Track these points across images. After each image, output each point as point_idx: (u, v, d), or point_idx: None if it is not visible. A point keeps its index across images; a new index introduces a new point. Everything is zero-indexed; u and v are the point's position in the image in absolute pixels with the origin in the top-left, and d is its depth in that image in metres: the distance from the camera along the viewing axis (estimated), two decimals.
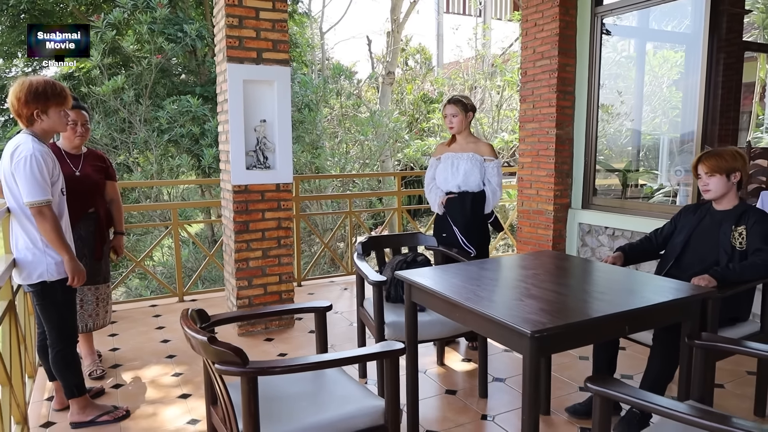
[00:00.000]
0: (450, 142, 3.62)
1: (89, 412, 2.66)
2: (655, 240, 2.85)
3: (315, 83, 9.17)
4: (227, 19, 3.64)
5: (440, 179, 3.58)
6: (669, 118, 6.01)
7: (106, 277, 3.22)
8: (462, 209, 3.47)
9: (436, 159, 3.66)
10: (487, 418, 2.72)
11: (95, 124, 7.32)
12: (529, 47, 4.93)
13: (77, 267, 2.43)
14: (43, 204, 2.29)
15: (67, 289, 2.48)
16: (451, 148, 3.59)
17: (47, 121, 2.37)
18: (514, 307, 1.91)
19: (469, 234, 3.47)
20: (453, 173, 3.51)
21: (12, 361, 2.50)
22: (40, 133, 2.39)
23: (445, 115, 3.56)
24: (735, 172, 2.53)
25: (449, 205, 3.50)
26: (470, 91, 11.51)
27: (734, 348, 1.88)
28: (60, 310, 2.49)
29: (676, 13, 5.16)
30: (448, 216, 3.50)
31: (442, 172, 3.57)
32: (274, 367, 1.70)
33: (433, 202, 3.61)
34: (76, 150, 3.08)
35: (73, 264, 2.41)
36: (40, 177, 2.28)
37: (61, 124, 2.45)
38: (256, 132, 3.86)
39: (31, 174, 2.26)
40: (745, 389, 2.96)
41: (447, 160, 3.56)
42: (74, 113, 2.91)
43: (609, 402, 1.54)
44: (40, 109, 2.33)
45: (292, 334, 3.97)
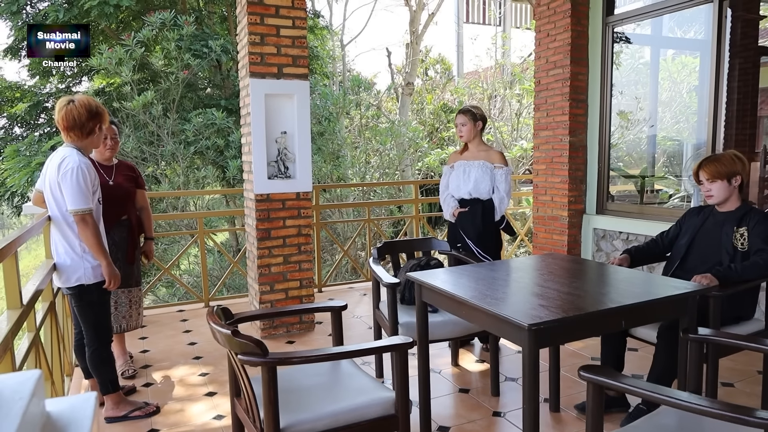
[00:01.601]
0: (462, 151, 3.76)
1: (123, 408, 2.84)
2: (661, 242, 2.94)
3: (335, 95, 9.38)
4: (250, 36, 3.84)
5: (453, 186, 3.72)
6: (690, 123, 6.05)
7: (138, 280, 3.41)
8: (473, 221, 3.59)
9: (449, 167, 3.80)
10: (498, 415, 2.83)
11: (126, 138, 7.63)
12: (543, 57, 5.05)
13: (113, 271, 2.61)
14: (86, 212, 2.48)
15: (102, 292, 2.66)
16: (463, 156, 3.73)
17: (96, 136, 2.63)
18: (516, 303, 2.04)
19: (483, 244, 3.60)
20: (464, 180, 3.65)
21: (53, 359, 2.70)
22: (84, 146, 2.62)
23: (456, 125, 3.74)
24: (735, 176, 2.61)
25: (460, 219, 3.63)
26: (489, 100, 11.62)
27: (727, 341, 1.98)
28: (96, 312, 2.68)
29: (692, 20, 5.22)
30: (460, 229, 3.63)
31: (454, 180, 3.72)
32: (292, 357, 1.85)
33: (446, 211, 3.75)
34: (108, 161, 3.26)
35: (110, 269, 2.59)
36: (84, 187, 2.48)
37: (101, 140, 2.72)
38: (277, 143, 4.04)
39: (77, 184, 2.46)
40: (755, 388, 3.01)
41: (459, 167, 3.71)
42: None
43: (601, 390, 1.65)
44: (98, 124, 2.60)
45: (312, 336, 4.13)
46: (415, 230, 6.02)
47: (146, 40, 7.63)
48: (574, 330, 1.96)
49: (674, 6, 4.36)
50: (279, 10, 3.89)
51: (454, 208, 3.67)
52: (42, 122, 9.55)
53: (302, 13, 3.98)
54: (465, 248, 3.59)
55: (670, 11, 4.49)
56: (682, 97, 6.26)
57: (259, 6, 3.83)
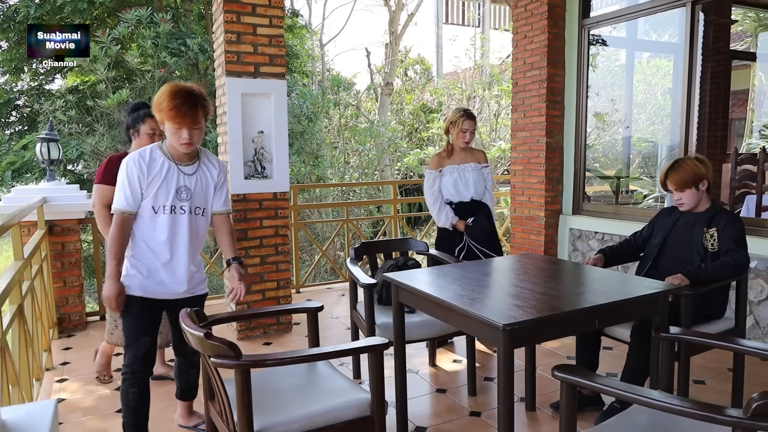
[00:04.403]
0: (449, 154, 3.67)
1: (193, 418, 2.73)
2: (634, 242, 2.98)
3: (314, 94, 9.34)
4: (226, 35, 3.80)
5: (449, 193, 3.62)
6: (664, 125, 6.15)
7: None
8: (482, 228, 3.60)
9: (437, 172, 3.65)
10: (475, 415, 2.84)
11: (100, 137, 7.50)
12: (520, 58, 5.08)
13: (111, 290, 2.22)
14: (117, 211, 2.24)
15: (144, 311, 2.33)
16: (451, 160, 3.65)
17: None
18: (491, 303, 2.04)
19: (494, 244, 3.63)
20: (464, 185, 3.60)
21: (20, 363, 2.63)
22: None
23: (463, 130, 3.57)
24: (702, 181, 2.66)
25: (471, 231, 3.57)
26: (468, 101, 11.68)
27: (698, 340, 2.01)
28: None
29: (667, 24, 5.31)
30: (470, 238, 3.57)
31: (449, 185, 3.62)
32: (265, 360, 1.83)
33: (441, 219, 3.62)
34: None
35: (109, 283, 2.23)
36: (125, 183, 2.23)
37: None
38: (254, 143, 4.00)
39: (119, 179, 2.26)
40: (725, 385, 3.06)
41: (452, 172, 3.62)
42: (152, 122, 2.88)
43: (574, 389, 1.66)
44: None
45: (289, 338, 4.10)
46: (394, 230, 6.01)
47: (122, 37, 7.51)
48: (548, 330, 1.97)
49: (648, 9, 4.42)
50: (256, 9, 3.86)
51: (454, 219, 3.57)
52: (13, 120, 9.34)
53: (279, 11, 3.95)
54: (472, 254, 3.55)
55: (644, 14, 4.55)
56: (657, 100, 6.37)
57: (235, 4, 3.79)
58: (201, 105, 2.18)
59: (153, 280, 2.31)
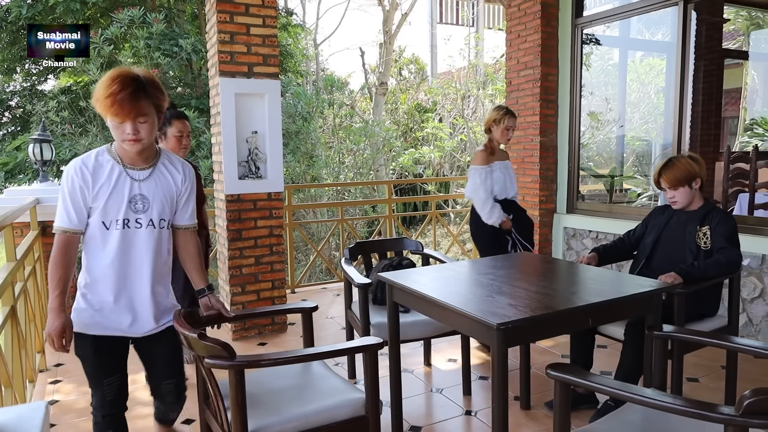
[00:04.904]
0: (492, 151, 3.65)
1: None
2: (627, 241, 2.99)
3: (309, 94, 9.33)
4: (219, 35, 3.79)
5: (498, 189, 3.60)
6: (658, 124, 6.18)
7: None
8: (529, 224, 3.70)
9: (488, 168, 3.59)
10: (469, 414, 2.84)
11: (93, 137, 7.47)
12: (514, 57, 5.09)
13: (52, 325, 1.79)
14: (58, 231, 1.87)
15: (97, 351, 1.94)
16: (496, 157, 3.65)
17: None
18: (485, 302, 2.05)
19: (531, 236, 3.71)
20: (510, 182, 3.64)
21: (13, 364, 2.62)
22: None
23: (508, 127, 3.58)
24: (695, 179, 2.67)
25: (519, 227, 3.62)
26: (463, 100, 11.69)
27: (691, 338, 2.02)
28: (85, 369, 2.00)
29: (660, 23, 5.33)
30: (516, 233, 3.60)
31: (499, 182, 3.60)
32: (259, 360, 1.83)
33: (492, 218, 3.54)
34: None
35: (51, 316, 1.80)
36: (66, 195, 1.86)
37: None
38: (248, 143, 4.00)
39: (60, 194, 1.88)
40: (719, 383, 3.07)
41: (501, 170, 3.63)
42: (180, 123, 2.77)
43: (568, 387, 1.66)
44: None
45: (284, 338, 4.09)
46: (389, 230, 6.02)
47: (114, 37, 7.47)
48: (542, 329, 1.98)
49: (641, 8, 4.44)
50: (249, 9, 3.85)
51: (503, 215, 3.55)
52: (6, 121, 9.29)
53: (273, 11, 3.94)
54: (514, 247, 3.60)
55: (637, 13, 4.57)
56: (650, 98, 6.39)
57: (228, 4, 3.78)
58: (146, 92, 1.77)
59: (106, 315, 1.91)
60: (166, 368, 2.09)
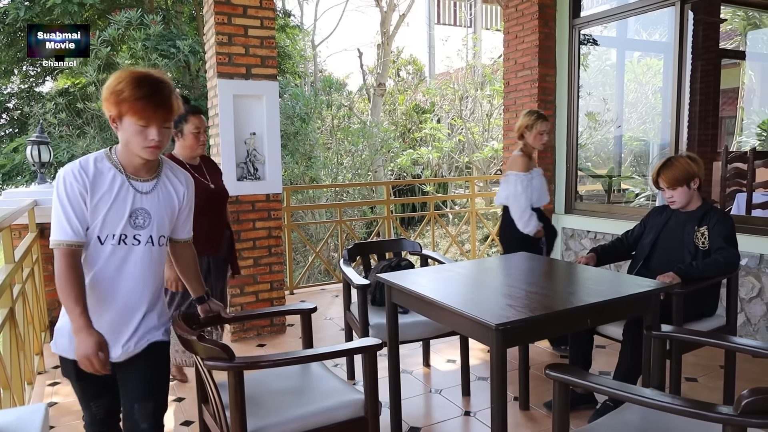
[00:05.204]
0: (530, 156, 3.53)
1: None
2: (626, 241, 3.00)
3: (307, 95, 9.33)
4: (217, 36, 3.79)
5: (536, 197, 3.50)
6: (655, 124, 6.19)
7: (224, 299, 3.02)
8: (552, 230, 3.70)
9: (530, 174, 3.47)
10: (468, 415, 2.84)
11: (91, 139, 7.46)
12: (511, 58, 5.10)
13: (80, 344, 1.60)
14: (58, 245, 1.64)
15: (80, 374, 1.69)
16: (533, 163, 3.55)
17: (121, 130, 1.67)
18: (484, 303, 2.05)
19: (553, 245, 3.72)
20: (544, 189, 3.54)
21: (12, 367, 2.61)
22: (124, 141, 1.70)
23: (541, 132, 3.46)
24: (693, 179, 2.68)
25: (550, 236, 3.61)
26: (461, 101, 11.70)
27: (689, 337, 2.02)
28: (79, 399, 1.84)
29: (657, 23, 5.34)
30: (545, 239, 3.55)
31: (537, 190, 3.50)
32: (258, 362, 1.83)
33: (529, 225, 3.43)
34: (194, 160, 2.78)
35: (76, 339, 1.61)
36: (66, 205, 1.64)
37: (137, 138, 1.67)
38: (246, 144, 4.00)
39: (53, 203, 1.66)
40: (717, 382, 3.08)
41: (539, 177, 3.54)
42: (197, 119, 2.71)
43: (567, 387, 1.67)
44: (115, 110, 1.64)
45: (283, 339, 4.09)
46: (387, 231, 6.02)
47: (112, 39, 7.47)
48: (540, 329, 1.98)
49: (638, 9, 4.45)
50: (247, 10, 3.85)
51: (539, 224, 3.46)
52: (3, 123, 9.28)
53: (270, 13, 3.95)
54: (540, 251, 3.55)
55: (634, 14, 4.58)
56: (648, 98, 6.41)
57: (226, 6, 3.78)
58: (174, 97, 1.67)
59: None
60: (142, 388, 1.79)
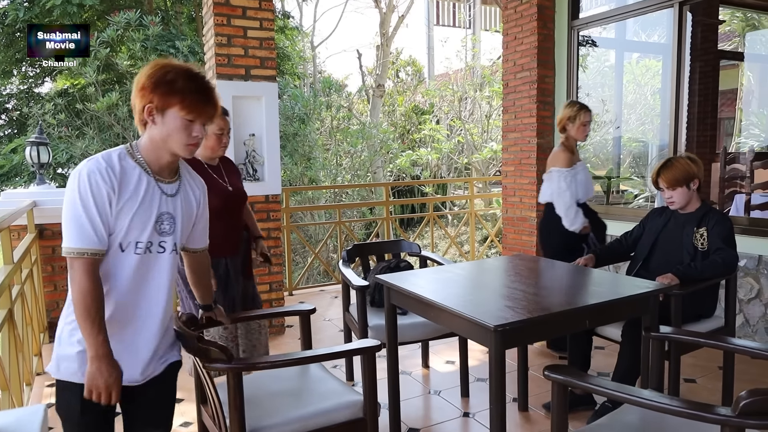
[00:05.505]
0: (572, 150, 3.41)
1: None
2: (625, 242, 3.00)
3: (306, 96, 9.34)
4: (216, 38, 3.79)
5: (582, 192, 3.38)
6: (654, 125, 6.20)
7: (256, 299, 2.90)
8: (602, 224, 3.61)
9: (573, 169, 3.34)
10: (467, 416, 2.84)
11: (90, 140, 7.46)
12: (510, 60, 5.10)
13: (100, 374, 1.42)
14: (78, 254, 1.42)
15: (87, 406, 1.47)
16: (576, 157, 3.42)
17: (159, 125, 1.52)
18: (482, 304, 2.05)
19: (604, 241, 3.62)
20: (591, 183, 3.39)
21: (10, 367, 2.61)
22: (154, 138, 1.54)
23: (584, 123, 3.33)
24: (693, 180, 2.68)
25: (597, 232, 3.50)
26: (460, 102, 11.70)
27: (687, 338, 2.02)
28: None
29: (656, 24, 5.35)
30: (592, 237, 3.44)
31: (582, 185, 3.38)
32: (257, 363, 1.82)
33: (576, 222, 3.30)
34: (213, 161, 2.69)
35: (95, 366, 1.42)
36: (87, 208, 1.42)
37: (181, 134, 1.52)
38: (246, 146, 4.00)
39: (71, 204, 1.43)
40: (716, 383, 3.08)
41: (583, 170, 3.42)
42: (221, 120, 2.63)
43: (565, 389, 1.67)
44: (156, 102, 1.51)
45: (282, 340, 4.09)
46: (387, 232, 6.02)
47: (111, 40, 7.47)
48: (539, 330, 1.99)
49: (637, 10, 4.45)
50: (246, 12, 3.85)
51: (586, 221, 3.34)
52: (2, 124, 9.27)
53: (269, 14, 3.95)
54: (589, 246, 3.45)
55: (633, 15, 4.58)
56: (647, 100, 6.42)
57: (225, 7, 3.78)
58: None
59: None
60: (157, 415, 1.70)
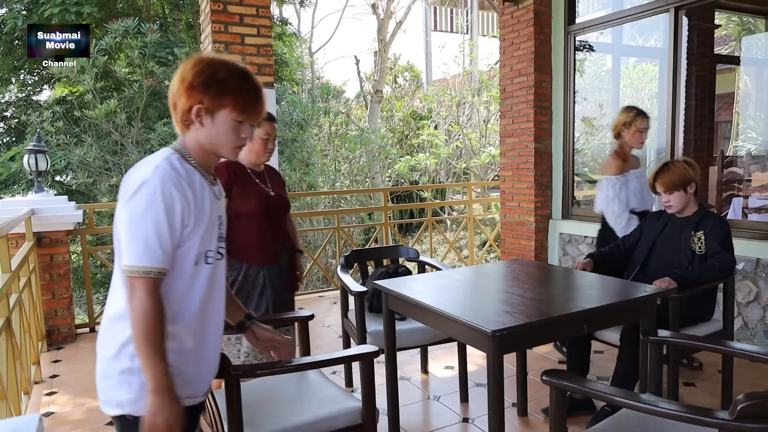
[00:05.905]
0: (625, 158, 3.30)
1: None
2: (623, 246, 3.00)
3: (304, 102, 9.36)
4: (214, 45, 3.80)
5: (635, 200, 3.25)
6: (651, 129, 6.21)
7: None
8: None
9: (623, 177, 3.24)
10: (467, 421, 2.84)
11: (88, 147, 7.46)
12: (507, 65, 5.12)
13: (160, 410, 1.27)
14: (144, 273, 1.29)
15: None
16: (630, 164, 3.31)
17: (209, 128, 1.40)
18: (480, 309, 2.05)
19: None
20: (648, 192, 3.16)
21: (8, 376, 2.60)
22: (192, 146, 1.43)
23: (640, 129, 3.23)
24: (690, 184, 2.69)
25: None
26: (458, 107, 11.73)
27: (685, 342, 2.02)
28: None
29: (652, 29, 5.37)
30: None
31: (637, 193, 3.26)
32: (255, 369, 1.82)
33: (626, 231, 3.14)
34: (258, 167, 2.63)
35: (161, 402, 1.28)
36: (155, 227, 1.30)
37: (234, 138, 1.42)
38: None
39: (138, 218, 1.30)
40: (716, 387, 3.08)
41: (637, 178, 3.30)
42: (269, 126, 2.56)
43: (564, 393, 1.67)
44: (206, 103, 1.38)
45: None
46: (385, 237, 6.02)
47: (109, 47, 7.49)
48: (537, 335, 1.99)
49: (633, 15, 4.47)
50: (243, 19, 3.87)
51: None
52: (0, 132, 9.28)
53: (267, 21, 3.97)
54: None
55: (629, 20, 4.60)
56: (644, 104, 6.43)
57: (222, 14, 3.80)
58: None
59: (182, 378, 1.37)
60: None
